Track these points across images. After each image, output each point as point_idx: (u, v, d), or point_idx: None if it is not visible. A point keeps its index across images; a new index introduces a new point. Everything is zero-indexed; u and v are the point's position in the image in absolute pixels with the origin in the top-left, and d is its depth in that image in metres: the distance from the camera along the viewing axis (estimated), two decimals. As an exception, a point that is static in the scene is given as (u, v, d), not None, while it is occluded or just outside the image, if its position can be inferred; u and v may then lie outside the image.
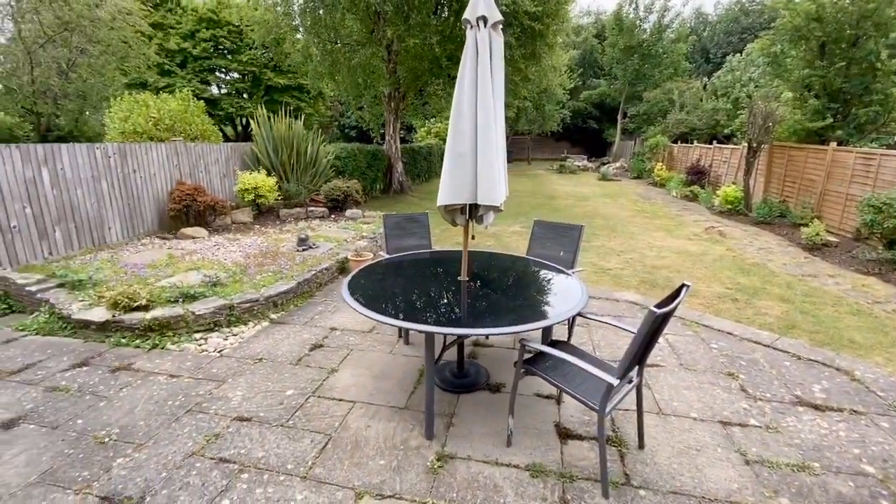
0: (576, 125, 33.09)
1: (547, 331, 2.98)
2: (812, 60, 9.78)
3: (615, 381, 2.07)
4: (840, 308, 4.98)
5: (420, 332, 2.42)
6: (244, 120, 21.72)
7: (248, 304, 4.36)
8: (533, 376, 2.56)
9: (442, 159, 2.89)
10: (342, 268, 5.81)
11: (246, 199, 8.07)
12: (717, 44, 31.66)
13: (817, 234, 7.64)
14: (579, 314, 2.77)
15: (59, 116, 16.48)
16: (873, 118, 9.19)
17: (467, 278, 3.18)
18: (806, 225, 8.30)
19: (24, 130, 14.78)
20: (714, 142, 16.50)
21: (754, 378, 3.42)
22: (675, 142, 20.27)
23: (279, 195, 8.61)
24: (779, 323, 4.56)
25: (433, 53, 11.05)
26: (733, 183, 12.16)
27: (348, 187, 9.18)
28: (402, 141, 16.16)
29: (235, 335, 4.11)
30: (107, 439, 2.70)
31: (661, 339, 3.84)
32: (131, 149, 6.84)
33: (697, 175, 14.63)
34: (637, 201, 13.42)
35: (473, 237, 3.09)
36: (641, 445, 2.62)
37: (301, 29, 12.08)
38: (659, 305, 2.08)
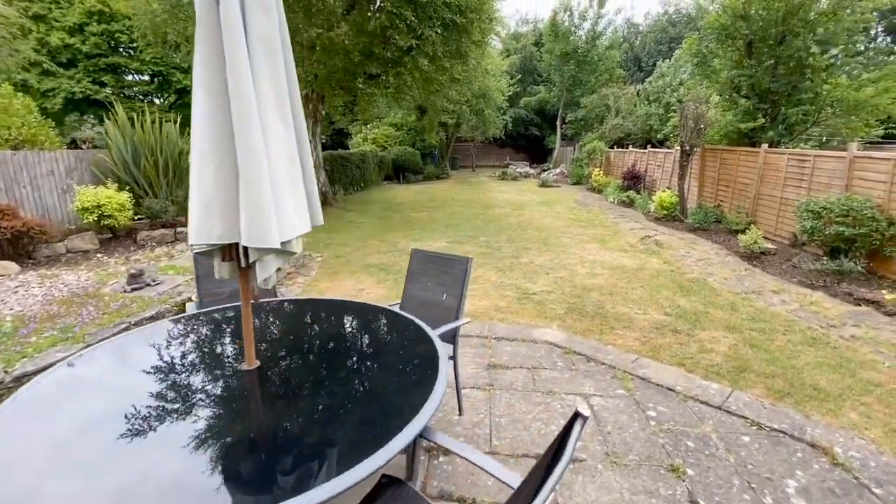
0: (518, 132, 32.84)
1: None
2: (740, 60, 9.43)
3: None
4: (793, 336, 4.19)
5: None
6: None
7: (-23, 392, 2.86)
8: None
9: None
10: (181, 311, 4.35)
11: (87, 221, 6.32)
12: (648, 52, 32.56)
13: (755, 242, 7.07)
14: (421, 436, 1.58)
15: None
16: (803, 118, 8.89)
17: (256, 365, 1.91)
18: (742, 231, 7.77)
19: None
20: (648, 146, 16.31)
21: (706, 475, 2.39)
22: (612, 147, 20.10)
23: (136, 214, 6.89)
24: (727, 364, 3.66)
25: (344, 47, 9.78)
26: (668, 188, 11.73)
27: (235, 202, 7.62)
28: (334, 147, 14.64)
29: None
30: None
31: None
32: None
33: (633, 180, 14.23)
34: (574, 209, 12.73)
35: (256, 298, 1.83)
36: None
37: (189, 19, 10.37)
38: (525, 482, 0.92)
